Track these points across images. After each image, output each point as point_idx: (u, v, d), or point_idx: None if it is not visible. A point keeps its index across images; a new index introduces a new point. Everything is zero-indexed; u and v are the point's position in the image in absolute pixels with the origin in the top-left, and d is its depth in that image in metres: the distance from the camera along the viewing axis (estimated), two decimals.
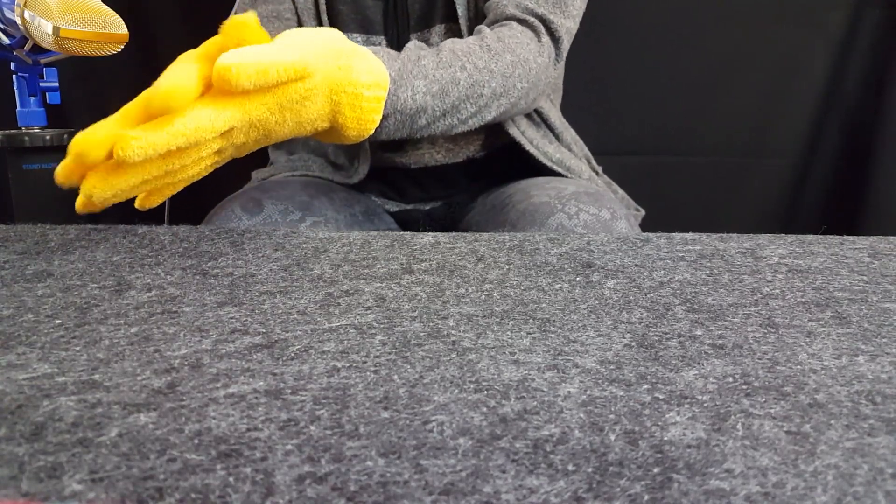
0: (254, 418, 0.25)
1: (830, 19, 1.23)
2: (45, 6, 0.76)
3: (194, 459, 0.23)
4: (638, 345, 0.33)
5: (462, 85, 0.66)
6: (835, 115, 1.27)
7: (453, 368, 0.30)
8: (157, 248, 0.50)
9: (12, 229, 0.55)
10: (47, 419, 0.25)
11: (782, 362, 0.31)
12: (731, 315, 0.37)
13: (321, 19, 0.81)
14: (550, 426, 0.25)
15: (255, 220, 0.69)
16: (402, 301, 0.39)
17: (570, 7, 0.76)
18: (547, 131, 0.86)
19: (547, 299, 0.39)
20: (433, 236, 0.53)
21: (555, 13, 0.75)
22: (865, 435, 0.25)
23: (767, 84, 1.27)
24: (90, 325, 0.35)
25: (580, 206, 0.68)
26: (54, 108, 1.01)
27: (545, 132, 0.86)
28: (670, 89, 1.28)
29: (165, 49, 1.29)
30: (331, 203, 0.76)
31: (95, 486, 0.21)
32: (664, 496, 0.21)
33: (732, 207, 1.33)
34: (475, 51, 0.68)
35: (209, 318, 0.36)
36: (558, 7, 0.75)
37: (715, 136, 1.30)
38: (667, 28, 1.26)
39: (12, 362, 0.30)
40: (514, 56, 0.71)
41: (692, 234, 0.53)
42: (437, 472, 0.22)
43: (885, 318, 0.36)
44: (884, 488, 0.22)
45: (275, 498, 0.21)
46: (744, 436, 0.24)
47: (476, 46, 0.69)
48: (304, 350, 0.32)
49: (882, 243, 0.51)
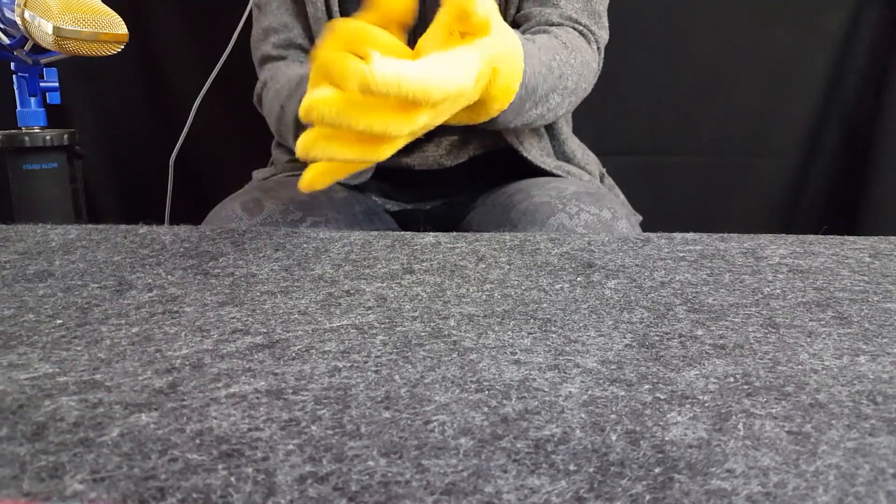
0: (255, 418, 0.25)
1: (830, 19, 1.23)
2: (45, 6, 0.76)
3: (196, 459, 0.23)
4: (639, 345, 0.33)
5: (554, 74, 0.66)
6: (835, 115, 1.27)
7: (454, 368, 0.30)
8: (158, 248, 0.50)
9: (12, 229, 0.55)
10: (49, 419, 0.25)
11: (783, 362, 0.31)
12: (732, 315, 0.37)
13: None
14: (552, 426, 0.25)
15: (255, 220, 0.69)
16: (403, 301, 0.39)
17: (603, 19, 0.79)
18: (547, 143, 0.86)
19: (548, 299, 0.39)
20: (434, 236, 0.53)
21: (594, 25, 0.78)
22: (867, 435, 0.25)
23: (767, 84, 1.27)
24: (91, 325, 0.35)
25: (581, 206, 0.68)
26: (54, 108, 1.01)
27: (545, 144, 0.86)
28: (670, 89, 1.28)
29: (165, 49, 1.29)
30: (331, 203, 0.76)
31: (97, 485, 0.21)
32: (665, 496, 0.21)
33: (732, 207, 1.33)
34: (556, 45, 0.69)
35: (210, 317, 0.36)
36: (594, 19, 0.78)
37: (715, 136, 1.30)
38: (667, 28, 1.26)
39: (13, 362, 0.30)
40: (582, 57, 0.72)
41: (693, 235, 0.53)
42: (439, 471, 0.22)
43: (886, 318, 0.36)
44: (885, 488, 0.22)
45: (276, 498, 0.21)
46: (745, 436, 0.24)
47: (555, 41, 0.69)
48: (305, 350, 0.32)
49: (882, 243, 0.51)
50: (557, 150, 0.87)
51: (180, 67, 1.28)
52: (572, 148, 0.88)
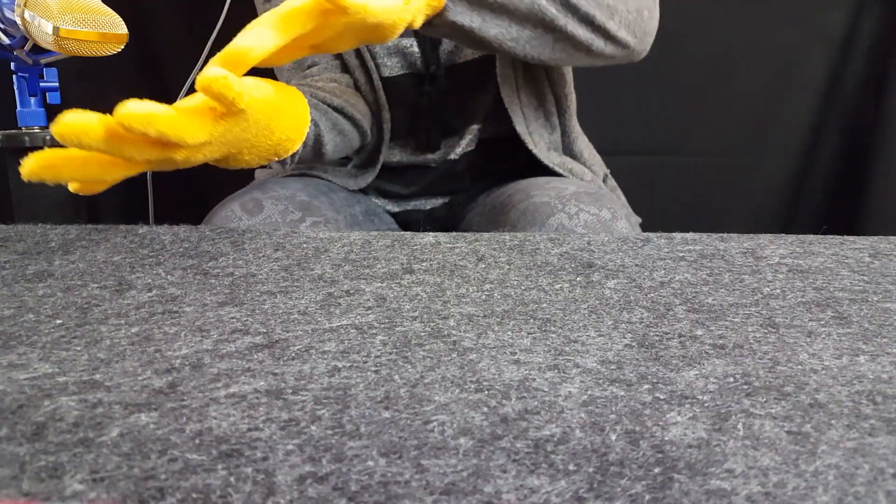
0: (255, 418, 0.25)
1: (830, 19, 1.23)
2: (45, 6, 0.76)
3: (195, 459, 0.23)
4: (639, 345, 0.33)
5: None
6: (834, 115, 1.27)
7: (454, 368, 0.30)
8: (158, 248, 0.50)
9: (12, 229, 0.55)
10: (48, 419, 0.25)
11: (783, 362, 0.31)
12: (732, 315, 0.37)
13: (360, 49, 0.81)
14: (551, 426, 0.25)
15: (254, 221, 0.69)
16: (403, 301, 0.39)
17: None
18: (558, 137, 0.86)
19: (547, 299, 0.39)
20: (433, 236, 0.53)
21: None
22: (866, 435, 0.25)
23: (767, 84, 1.27)
24: (91, 325, 0.35)
25: (580, 206, 0.68)
26: (54, 108, 1.01)
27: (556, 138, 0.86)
28: (670, 89, 1.28)
29: (165, 49, 1.29)
30: (331, 203, 0.76)
31: (96, 485, 0.21)
32: (665, 496, 0.21)
33: (732, 207, 1.33)
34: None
35: (210, 317, 0.36)
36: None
37: (715, 136, 1.30)
38: (666, 28, 1.26)
39: (13, 362, 0.30)
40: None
41: (692, 234, 0.53)
42: (438, 471, 0.22)
43: (886, 318, 0.36)
44: (885, 488, 0.22)
45: (276, 498, 0.21)
46: (745, 436, 0.24)
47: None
48: (304, 350, 0.32)
49: (882, 243, 0.51)
50: (566, 146, 0.88)
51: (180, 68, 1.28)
52: (580, 147, 0.88)
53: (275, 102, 0.51)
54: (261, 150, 0.51)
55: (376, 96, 0.81)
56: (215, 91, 0.43)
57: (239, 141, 0.48)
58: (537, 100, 0.85)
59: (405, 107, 0.83)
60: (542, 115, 0.85)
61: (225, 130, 0.47)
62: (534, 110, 0.84)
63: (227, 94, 0.43)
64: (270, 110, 0.50)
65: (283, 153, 0.55)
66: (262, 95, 0.49)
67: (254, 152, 0.51)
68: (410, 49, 0.81)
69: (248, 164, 0.53)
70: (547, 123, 0.85)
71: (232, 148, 0.49)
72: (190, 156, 0.47)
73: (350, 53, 0.80)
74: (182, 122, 0.44)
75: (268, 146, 0.52)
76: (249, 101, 0.46)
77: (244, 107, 0.45)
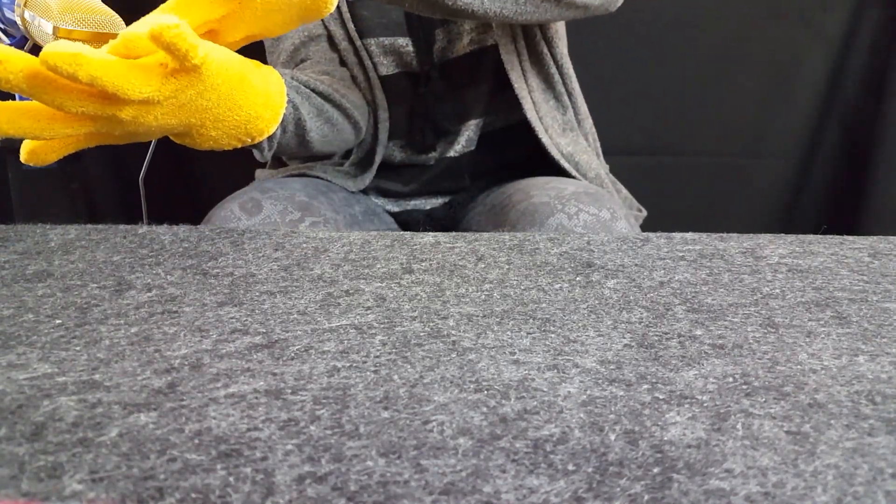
0: (254, 418, 0.25)
1: (830, 19, 1.23)
2: (45, 6, 0.76)
3: (194, 459, 0.23)
4: (638, 345, 0.33)
5: None
6: (834, 115, 1.27)
7: (453, 368, 0.30)
8: (157, 248, 0.50)
9: (12, 229, 0.55)
10: (47, 419, 0.25)
11: (782, 362, 0.31)
12: (731, 315, 0.37)
13: (347, 27, 0.80)
14: (550, 426, 0.25)
15: (254, 221, 0.69)
16: (402, 301, 0.39)
17: None
18: (571, 116, 0.86)
19: (547, 299, 0.39)
20: (433, 236, 0.53)
21: None
22: (865, 435, 0.25)
23: (767, 84, 1.27)
24: (90, 325, 0.35)
25: (580, 207, 0.68)
26: None
27: (570, 117, 0.85)
28: (670, 89, 1.28)
29: None
30: (330, 203, 0.76)
31: (96, 485, 0.21)
32: (664, 496, 0.21)
33: (732, 207, 1.33)
34: None
35: (209, 317, 0.36)
36: None
37: (715, 136, 1.30)
38: (666, 28, 1.26)
39: (13, 362, 0.30)
40: None
41: (692, 234, 0.53)
42: (438, 471, 0.22)
43: (885, 318, 0.36)
44: (884, 488, 0.22)
45: (275, 498, 0.21)
46: (744, 436, 0.24)
47: None
48: (304, 350, 0.32)
49: (882, 243, 0.51)
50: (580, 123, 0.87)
51: None
52: (586, 130, 0.88)
53: (239, 71, 0.46)
54: (227, 125, 0.47)
55: (374, 94, 0.81)
56: (166, 40, 0.37)
57: (198, 109, 0.44)
58: (545, 82, 0.84)
59: (401, 105, 0.83)
60: (551, 96, 0.85)
61: (176, 90, 0.42)
62: (542, 93, 0.84)
63: (180, 44, 0.38)
64: (233, 79, 0.45)
65: (255, 133, 0.50)
66: (222, 57, 0.44)
67: (220, 127, 0.47)
68: (406, 48, 0.81)
69: (218, 143, 0.49)
70: (559, 104, 0.85)
71: (191, 117, 0.44)
72: (137, 115, 0.42)
73: (348, 51, 0.80)
74: (121, 70, 0.39)
75: (235, 122, 0.47)
76: (206, 58, 0.41)
77: (199, 62, 0.40)
